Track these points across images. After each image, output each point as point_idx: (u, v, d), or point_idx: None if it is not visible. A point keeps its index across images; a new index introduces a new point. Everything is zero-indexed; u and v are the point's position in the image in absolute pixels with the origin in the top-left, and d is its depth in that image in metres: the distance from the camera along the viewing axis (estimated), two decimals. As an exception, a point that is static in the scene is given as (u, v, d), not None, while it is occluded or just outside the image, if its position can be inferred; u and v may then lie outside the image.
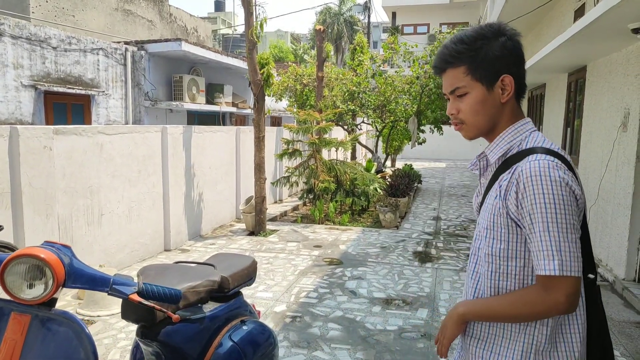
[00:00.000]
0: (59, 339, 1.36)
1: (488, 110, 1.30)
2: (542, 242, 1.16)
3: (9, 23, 7.47)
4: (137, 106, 10.01)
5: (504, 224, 1.24)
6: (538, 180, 1.16)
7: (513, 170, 1.23)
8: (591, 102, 6.24)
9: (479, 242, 1.34)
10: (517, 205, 1.20)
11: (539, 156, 1.19)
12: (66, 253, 1.45)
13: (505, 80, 1.28)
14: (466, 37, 1.29)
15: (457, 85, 1.31)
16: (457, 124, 1.36)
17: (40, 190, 4.20)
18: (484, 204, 1.33)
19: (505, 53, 1.27)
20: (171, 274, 2.12)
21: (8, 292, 1.34)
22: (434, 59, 1.38)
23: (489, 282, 1.30)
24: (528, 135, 1.30)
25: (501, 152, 1.30)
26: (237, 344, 2.16)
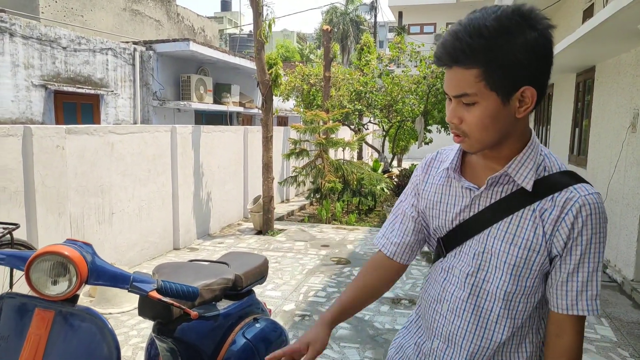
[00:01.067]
0: (82, 334, 1.39)
1: (499, 126, 1.05)
2: (589, 282, 1.07)
3: (20, 23, 7.55)
4: (145, 106, 10.08)
5: (539, 262, 1.09)
6: (598, 218, 1.06)
7: (560, 201, 1.07)
8: (600, 103, 6.22)
9: (484, 274, 1.14)
10: (566, 240, 1.06)
11: (590, 189, 1.08)
12: (88, 250, 1.49)
13: (526, 92, 1.02)
14: (486, 28, 0.98)
15: (465, 91, 1.03)
16: (458, 136, 1.10)
17: (53, 189, 4.25)
18: (499, 231, 1.12)
19: (532, 58, 0.99)
20: (186, 272, 2.16)
21: (33, 289, 1.38)
22: (438, 47, 1.07)
23: (505, 321, 1.14)
24: (542, 152, 1.13)
25: (533, 177, 1.09)
26: (250, 341, 2.19)
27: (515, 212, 1.10)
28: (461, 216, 1.18)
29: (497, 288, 1.12)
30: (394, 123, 12.47)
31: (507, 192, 1.12)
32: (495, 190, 1.13)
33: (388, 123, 12.42)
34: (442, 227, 1.22)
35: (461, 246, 1.19)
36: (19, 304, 1.45)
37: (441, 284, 1.22)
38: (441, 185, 1.23)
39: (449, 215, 1.20)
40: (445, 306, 1.20)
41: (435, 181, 1.26)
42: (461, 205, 1.18)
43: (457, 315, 1.17)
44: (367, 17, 36.17)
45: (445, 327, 1.20)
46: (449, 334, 1.19)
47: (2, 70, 7.25)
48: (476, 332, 1.15)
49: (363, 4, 36.62)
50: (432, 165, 1.30)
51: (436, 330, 1.22)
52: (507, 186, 1.12)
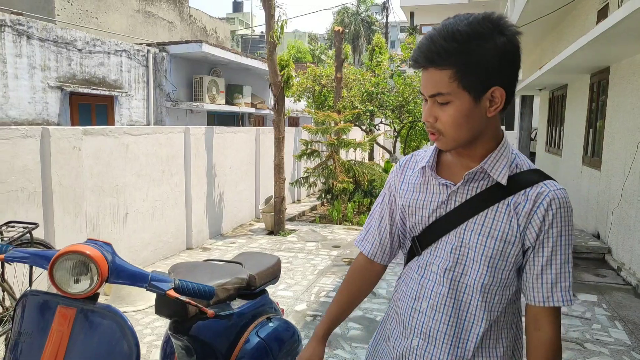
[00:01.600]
0: (103, 331, 1.43)
1: (472, 124, 1.12)
2: (562, 274, 1.13)
3: (37, 26, 7.69)
4: (158, 107, 10.19)
5: (514, 254, 1.15)
6: (566, 212, 1.13)
7: (532, 195, 1.13)
8: (614, 104, 6.16)
9: (462, 268, 1.18)
10: (538, 232, 1.12)
11: (557, 184, 1.16)
12: (108, 250, 1.53)
13: (496, 93, 1.10)
14: (459, 33, 1.06)
15: (439, 90, 1.09)
16: (434, 134, 1.16)
17: (70, 189, 4.33)
18: (475, 224, 1.16)
19: (501, 61, 1.07)
20: (201, 271, 2.20)
21: (56, 287, 1.42)
22: (415, 50, 1.14)
23: (482, 313, 1.18)
24: (513, 151, 1.20)
25: (507, 172, 1.15)
26: (264, 340, 2.22)
27: (490, 206, 1.15)
28: (438, 212, 1.22)
29: (475, 280, 1.16)
30: (406, 124, 12.45)
31: (483, 187, 1.17)
32: (471, 186, 1.18)
33: (400, 124, 12.40)
34: (419, 224, 1.26)
35: (437, 242, 1.22)
36: (42, 302, 1.50)
37: (419, 282, 1.25)
38: (418, 184, 1.28)
39: (426, 212, 1.24)
40: (425, 303, 1.22)
41: (411, 180, 1.30)
42: (438, 201, 1.22)
43: (438, 311, 1.20)
44: (379, 18, 36.12)
45: (425, 324, 1.22)
46: (429, 331, 1.21)
47: (19, 72, 7.39)
48: (457, 325, 1.19)
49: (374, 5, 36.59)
50: (407, 166, 1.35)
51: (415, 328, 1.24)
52: (483, 182, 1.18)
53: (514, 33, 1.10)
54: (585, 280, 5.20)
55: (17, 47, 7.33)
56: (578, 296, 4.72)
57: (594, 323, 4.10)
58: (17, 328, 1.50)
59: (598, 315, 4.27)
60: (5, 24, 7.14)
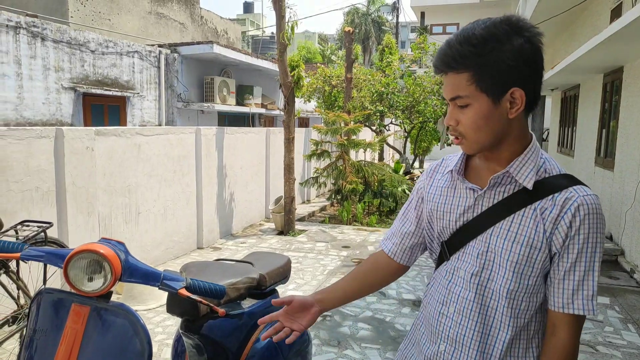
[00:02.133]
0: (116, 329, 1.45)
1: (492, 126, 1.12)
2: (585, 281, 1.10)
3: (51, 28, 7.79)
4: (170, 107, 10.27)
5: (540, 260, 1.13)
6: (595, 218, 1.09)
7: (559, 200, 1.11)
8: (628, 104, 6.09)
9: (488, 273, 1.17)
10: (564, 238, 1.10)
11: (588, 190, 1.12)
12: (121, 249, 1.55)
13: (515, 94, 1.09)
14: (475, 37, 1.07)
15: (458, 93, 1.12)
16: (457, 137, 1.18)
17: (83, 189, 4.39)
18: (501, 229, 1.15)
19: (519, 62, 1.07)
20: (212, 270, 2.22)
21: (71, 285, 1.44)
22: (435, 57, 1.17)
23: (508, 320, 1.16)
24: (542, 156, 1.18)
25: (534, 176, 1.14)
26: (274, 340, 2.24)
27: (517, 211, 1.14)
28: (465, 217, 1.21)
29: (501, 286, 1.15)
30: (416, 124, 12.41)
31: (509, 192, 1.16)
32: (498, 191, 1.17)
33: (410, 124, 12.37)
34: (447, 229, 1.26)
35: (464, 247, 1.22)
36: (56, 299, 1.52)
37: (446, 287, 1.25)
38: (446, 188, 1.28)
39: (453, 216, 1.24)
40: (452, 308, 1.22)
41: (440, 184, 1.31)
42: (464, 205, 1.22)
43: (465, 316, 1.20)
44: (389, 18, 36.03)
45: (452, 329, 1.22)
46: (456, 336, 1.21)
47: (34, 73, 7.50)
48: (483, 331, 1.18)
49: (385, 5, 36.51)
50: (437, 170, 1.36)
51: (442, 333, 1.24)
52: (509, 186, 1.16)
53: (534, 34, 1.10)
54: (598, 283, 5.14)
55: (31, 48, 7.44)
56: (590, 298, 4.67)
57: (607, 326, 4.05)
58: (32, 325, 1.53)
59: (611, 317, 4.22)
60: (21, 25, 7.25)
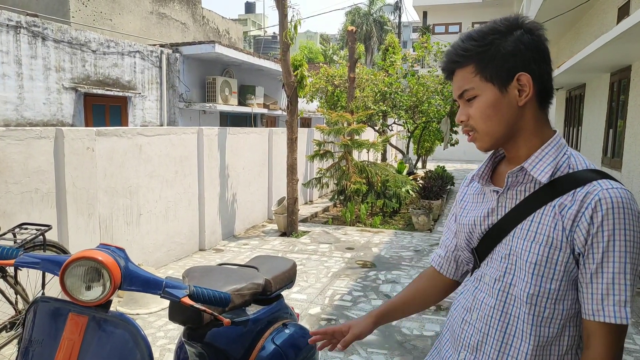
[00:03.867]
0: (116, 340, 1.38)
1: (502, 115, 1.10)
2: (615, 285, 0.99)
3: (52, 28, 7.73)
4: (171, 107, 10.20)
5: (563, 261, 1.04)
6: (622, 213, 0.99)
7: (579, 195, 1.03)
8: (636, 103, 6.00)
9: (510, 277, 1.12)
10: (586, 236, 1.01)
11: (614, 183, 1.02)
12: (121, 255, 1.47)
13: (522, 79, 1.08)
14: (476, 33, 1.12)
15: (464, 87, 1.13)
16: (470, 133, 1.17)
17: (83, 190, 4.31)
18: (522, 230, 1.10)
19: (520, 48, 1.08)
20: (216, 276, 2.14)
21: (67, 294, 1.37)
22: (443, 59, 1.20)
23: (530, 329, 1.08)
24: (569, 152, 1.12)
25: (551, 170, 1.08)
26: (280, 347, 2.16)
27: (537, 210, 1.09)
28: (489, 220, 1.19)
29: (521, 290, 1.09)
30: (419, 124, 12.33)
31: (530, 190, 1.12)
32: (519, 190, 1.14)
33: (413, 124, 12.29)
34: (474, 234, 1.23)
35: (492, 252, 1.18)
36: (53, 309, 1.45)
37: (472, 293, 1.22)
38: (476, 195, 1.29)
39: (479, 220, 1.22)
40: (475, 314, 1.19)
41: (472, 191, 1.31)
42: (488, 208, 1.20)
43: (485, 323, 1.16)
44: (391, 18, 35.96)
45: (473, 336, 1.18)
46: (477, 344, 1.17)
47: (35, 73, 7.44)
48: (504, 340, 1.12)
49: (387, 4, 36.44)
50: (472, 179, 1.35)
51: (464, 340, 1.21)
52: (529, 185, 1.12)
53: (533, 27, 1.12)
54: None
55: (32, 48, 7.38)
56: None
57: (618, 330, 3.96)
58: (28, 335, 1.46)
59: (621, 321, 4.13)
60: (21, 25, 7.19)
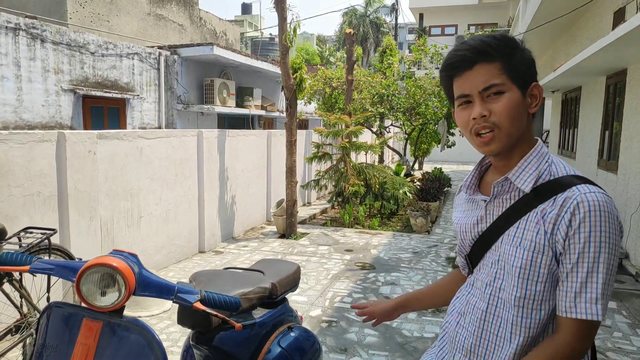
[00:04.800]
0: (130, 346, 1.40)
1: (521, 119, 1.13)
2: (588, 283, 1.04)
3: (51, 29, 7.73)
4: (169, 109, 10.21)
5: (546, 264, 1.09)
6: (598, 215, 1.04)
7: (560, 201, 1.08)
8: (632, 106, 6.07)
9: (500, 282, 1.17)
10: (564, 238, 1.06)
11: (593, 188, 1.07)
12: (134, 261, 1.50)
13: (535, 90, 1.16)
14: (496, 35, 1.15)
15: (492, 82, 1.11)
16: (488, 131, 1.13)
17: (85, 193, 4.33)
18: (509, 236, 1.15)
19: (531, 64, 1.16)
20: (223, 280, 2.17)
21: (83, 300, 1.39)
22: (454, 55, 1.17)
23: (518, 330, 1.13)
24: (550, 159, 1.17)
25: (534, 179, 1.13)
26: (285, 350, 2.19)
27: (522, 217, 1.14)
28: (479, 227, 1.24)
29: (509, 294, 1.15)
30: (417, 126, 12.38)
31: (515, 198, 1.17)
32: (504, 198, 1.19)
33: (410, 126, 12.34)
34: (467, 241, 1.30)
35: (483, 259, 1.24)
36: (67, 314, 1.47)
37: (466, 298, 1.29)
38: (465, 203, 1.34)
39: (469, 228, 1.28)
40: (468, 318, 1.25)
41: (462, 201, 1.37)
42: (477, 216, 1.25)
43: (478, 327, 1.21)
44: (388, 19, 36.03)
45: (467, 339, 1.24)
46: (470, 346, 1.23)
47: (33, 75, 7.43)
48: (496, 341, 1.18)
49: (383, 6, 36.51)
50: (459, 190, 1.42)
51: (458, 343, 1.27)
52: (514, 193, 1.18)
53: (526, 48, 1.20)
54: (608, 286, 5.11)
55: (31, 50, 7.38)
56: (597, 303, 4.64)
57: (615, 331, 4.02)
58: (42, 340, 1.48)
59: (619, 322, 4.19)
60: (20, 27, 7.18)
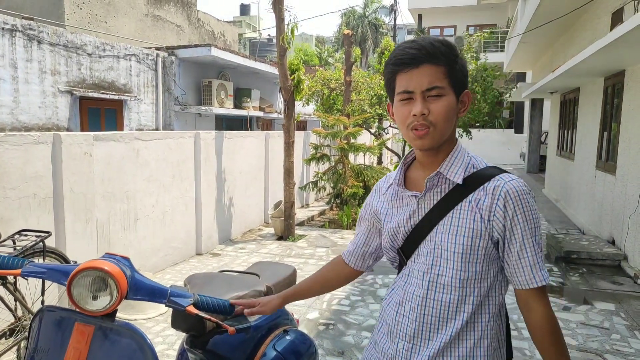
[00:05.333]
0: (122, 350, 1.39)
1: (453, 121, 1.26)
2: (531, 257, 1.22)
3: (48, 31, 7.71)
4: (167, 111, 10.19)
5: (483, 246, 1.24)
6: (525, 198, 1.22)
7: (489, 189, 1.23)
8: (630, 108, 6.07)
9: (438, 268, 1.27)
10: (504, 223, 1.22)
11: (511, 175, 1.25)
12: (126, 265, 1.48)
13: (465, 97, 1.28)
14: (446, 42, 1.25)
15: (436, 84, 1.21)
16: (424, 128, 1.22)
17: (81, 195, 4.31)
18: (444, 226, 1.26)
19: (466, 73, 1.28)
20: (218, 283, 2.15)
21: (75, 304, 1.37)
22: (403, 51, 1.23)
23: (462, 307, 1.26)
24: (470, 155, 1.32)
25: (462, 172, 1.26)
26: (281, 353, 2.17)
27: (455, 207, 1.26)
28: (412, 221, 1.33)
29: (452, 278, 1.25)
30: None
31: (445, 191, 1.29)
32: (435, 192, 1.30)
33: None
34: (399, 236, 1.36)
35: (417, 249, 1.32)
36: (59, 318, 1.46)
37: (403, 288, 1.36)
38: (393, 201, 1.42)
39: (402, 223, 1.35)
40: (408, 306, 1.32)
41: (387, 198, 1.44)
42: (409, 211, 1.33)
43: (419, 313, 1.29)
44: (386, 20, 36.07)
45: (408, 326, 1.31)
46: (413, 332, 1.30)
47: (30, 76, 7.41)
48: (438, 324, 1.27)
49: (382, 7, 36.56)
50: (382, 186, 1.50)
51: (400, 332, 1.33)
52: (444, 186, 1.29)
53: None
54: (601, 288, 5.11)
55: (27, 51, 7.35)
56: (595, 304, 4.63)
57: (613, 333, 4.01)
58: (34, 344, 1.46)
59: (617, 324, 4.18)
60: (17, 28, 7.16)
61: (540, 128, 16.56)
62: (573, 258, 5.98)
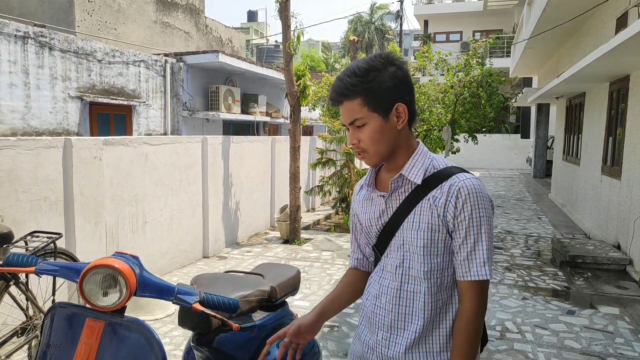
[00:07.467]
0: (131, 345, 1.45)
1: (387, 138, 1.37)
2: (475, 251, 1.31)
3: (59, 38, 7.86)
4: (175, 116, 10.32)
5: (441, 239, 1.35)
6: (476, 195, 1.31)
7: (445, 188, 1.33)
8: (635, 112, 6.08)
9: (408, 262, 1.39)
10: (454, 217, 1.32)
11: (467, 175, 1.35)
12: (135, 263, 1.55)
13: (400, 108, 1.36)
14: (358, 69, 1.34)
15: (355, 117, 1.35)
16: (360, 153, 1.41)
17: (90, 198, 4.39)
18: (408, 222, 1.38)
19: (396, 82, 1.35)
20: (223, 283, 2.21)
21: (86, 300, 1.44)
22: (330, 91, 1.42)
23: (430, 298, 1.36)
24: (431, 156, 1.42)
25: (422, 173, 1.37)
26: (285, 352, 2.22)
27: (417, 205, 1.37)
28: (382, 220, 1.45)
29: (418, 270, 1.37)
30: (421, 132, 12.40)
31: (408, 191, 1.40)
32: (400, 192, 1.41)
33: (414, 132, 12.36)
34: (372, 234, 1.49)
35: (389, 246, 1.44)
36: (70, 314, 1.52)
37: (378, 282, 1.47)
38: (365, 201, 1.53)
39: (374, 221, 1.47)
40: (384, 299, 1.43)
41: (361, 199, 1.56)
42: (379, 210, 1.45)
43: (395, 304, 1.40)
44: (392, 26, 36.16)
45: (386, 317, 1.42)
46: (390, 322, 1.41)
47: (41, 82, 7.55)
48: (413, 313, 1.38)
49: (388, 13, 36.66)
50: (361, 188, 1.60)
51: (379, 322, 1.44)
52: (407, 186, 1.40)
53: (402, 62, 1.38)
54: (606, 292, 5.11)
55: (39, 58, 7.50)
56: (600, 309, 4.64)
57: (617, 337, 4.01)
58: (46, 340, 1.52)
59: (621, 328, 4.18)
60: (29, 36, 7.31)
61: (546, 133, 16.52)
62: (578, 262, 5.98)
